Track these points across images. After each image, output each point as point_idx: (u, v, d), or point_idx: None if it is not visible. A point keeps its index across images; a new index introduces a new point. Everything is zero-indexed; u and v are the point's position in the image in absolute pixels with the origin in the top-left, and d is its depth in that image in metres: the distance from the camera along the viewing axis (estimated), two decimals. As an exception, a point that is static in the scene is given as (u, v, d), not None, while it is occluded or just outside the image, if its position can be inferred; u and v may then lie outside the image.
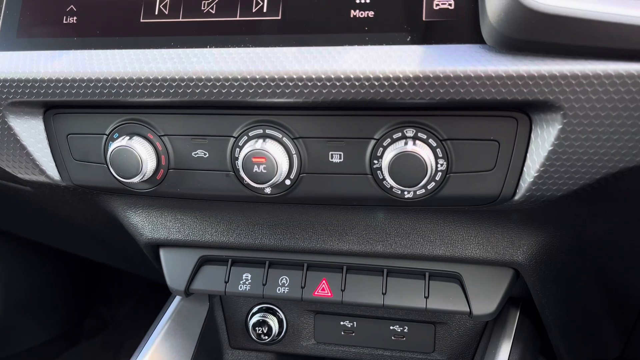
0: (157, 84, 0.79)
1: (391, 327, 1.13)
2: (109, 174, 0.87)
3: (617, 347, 1.20)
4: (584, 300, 1.02)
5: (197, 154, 0.84)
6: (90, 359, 2.46)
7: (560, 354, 1.08)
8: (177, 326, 1.11)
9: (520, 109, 0.73)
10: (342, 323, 1.16)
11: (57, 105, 0.87)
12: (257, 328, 1.16)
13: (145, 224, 1.04)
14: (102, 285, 2.62)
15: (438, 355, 1.12)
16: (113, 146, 0.83)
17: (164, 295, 1.28)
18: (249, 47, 0.78)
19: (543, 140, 0.72)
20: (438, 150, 0.76)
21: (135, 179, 0.84)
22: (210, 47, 0.79)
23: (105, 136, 0.86)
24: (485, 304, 0.94)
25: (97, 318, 2.57)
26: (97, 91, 0.81)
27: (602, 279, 0.99)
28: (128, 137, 0.83)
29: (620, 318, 1.10)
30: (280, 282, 1.02)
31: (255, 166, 0.79)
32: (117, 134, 0.85)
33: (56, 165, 0.91)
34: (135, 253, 1.47)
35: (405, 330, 1.13)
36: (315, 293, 1.00)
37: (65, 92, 0.82)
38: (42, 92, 0.84)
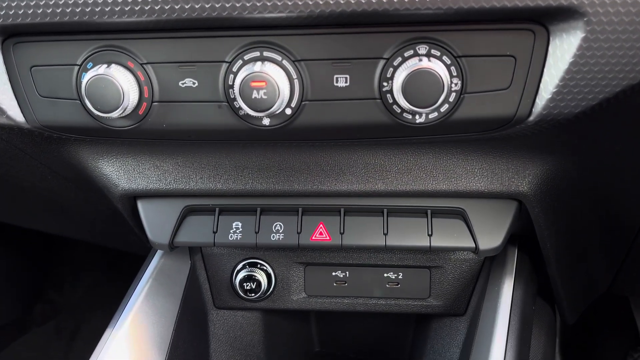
0: None
1: (385, 275, 1.09)
2: (82, 111, 0.78)
3: (606, 283, 1.21)
4: (582, 233, 1.01)
5: (185, 83, 0.75)
6: (43, 345, 2.34)
7: (557, 290, 1.08)
8: (159, 286, 1.03)
9: (538, 20, 0.69)
10: (333, 274, 1.10)
11: (18, 33, 0.76)
12: (244, 284, 1.09)
13: (120, 173, 0.95)
14: (53, 269, 2.49)
15: (434, 301, 1.09)
16: (88, 76, 0.74)
17: (120, 278, 1.19)
18: None
19: (562, 53, 0.69)
20: (452, 68, 0.71)
21: (115, 113, 0.75)
22: None
23: (77, 67, 0.76)
24: (490, 238, 0.92)
25: (49, 303, 2.44)
26: (67, 10, 0.71)
27: (600, 211, 0.98)
28: (105, 66, 0.74)
29: (611, 253, 1.11)
30: (274, 228, 0.95)
31: (255, 92, 0.72)
32: (91, 64, 0.75)
33: (18, 103, 0.80)
34: (100, 217, 1.36)
35: (399, 277, 1.09)
36: (313, 238, 0.95)
37: (30, 12, 0.71)
38: None
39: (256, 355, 1.19)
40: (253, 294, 1.10)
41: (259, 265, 1.11)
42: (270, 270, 1.11)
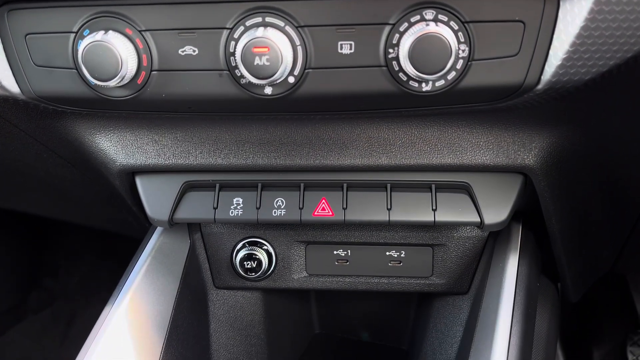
0: None
1: (387, 253, 1.08)
2: (79, 81, 0.75)
3: (609, 261, 1.20)
4: (588, 208, 1.00)
5: (185, 51, 0.73)
6: (40, 332, 2.33)
7: (562, 267, 1.07)
8: (158, 264, 1.01)
9: None
10: (335, 252, 1.09)
11: (12, 0, 0.74)
12: (245, 263, 1.08)
13: (118, 148, 0.92)
14: (48, 256, 2.48)
15: (436, 279, 1.08)
16: (84, 43, 0.72)
17: (116, 264, 1.17)
18: None
19: (573, 17, 0.67)
20: (460, 34, 0.69)
21: (112, 82, 0.73)
22: None
23: (73, 34, 0.74)
24: (495, 213, 0.90)
25: (44, 291, 2.43)
26: None
27: (606, 186, 0.97)
28: (103, 32, 0.72)
29: (616, 230, 1.10)
30: (276, 204, 0.93)
31: (257, 58, 0.70)
32: (87, 31, 0.73)
33: (13, 73, 0.78)
34: (97, 199, 1.34)
35: (402, 255, 1.08)
36: (315, 213, 0.93)
37: None
38: None
39: (256, 336, 1.18)
40: (253, 273, 1.09)
41: (259, 244, 1.09)
42: (270, 249, 1.09)
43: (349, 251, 1.08)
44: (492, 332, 0.86)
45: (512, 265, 0.94)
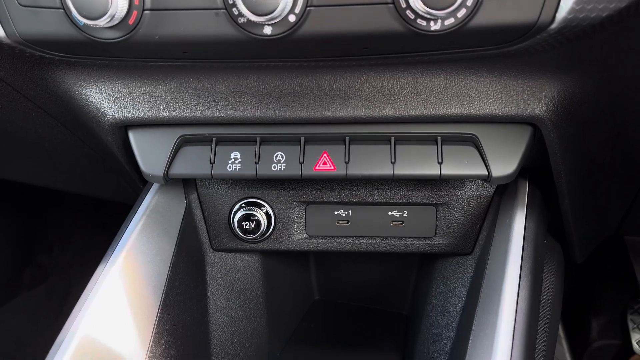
0: None
1: (389, 213, 1.05)
2: (66, 21, 0.71)
3: (616, 222, 1.18)
4: (597, 165, 0.97)
5: None
6: (34, 308, 2.31)
7: (568, 226, 1.04)
8: (153, 224, 0.97)
9: None
10: (335, 213, 1.06)
11: None
12: (243, 224, 1.04)
13: (109, 100, 0.88)
14: (41, 233, 2.44)
15: (440, 239, 1.05)
16: None
17: (111, 239, 1.14)
18: None
19: None
20: None
21: (102, 21, 0.69)
22: None
23: None
24: (503, 165, 0.87)
25: (38, 267, 2.40)
26: None
27: (616, 142, 0.94)
28: None
29: (624, 190, 1.07)
30: (275, 158, 0.90)
31: None
32: None
33: None
34: (90, 162, 1.30)
35: (404, 215, 1.05)
36: (316, 167, 0.89)
37: None
38: None
39: (255, 299, 1.15)
40: (252, 235, 1.05)
41: (258, 205, 1.06)
42: (269, 209, 1.06)
43: (350, 211, 1.05)
44: (500, 289, 0.84)
45: (519, 222, 0.91)
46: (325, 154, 0.90)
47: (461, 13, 0.67)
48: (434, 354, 1.03)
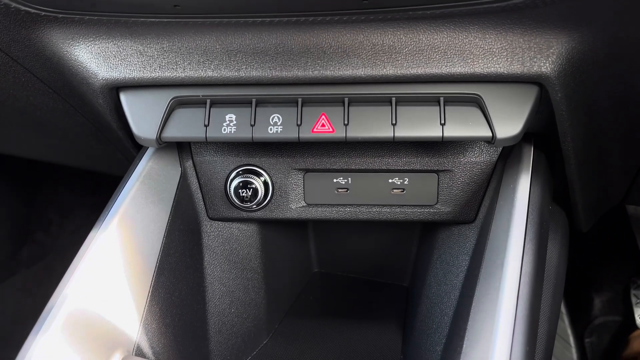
0: None
1: (390, 180, 1.02)
2: None
3: (621, 193, 1.15)
4: (604, 129, 0.94)
5: None
6: (33, 286, 2.30)
7: (574, 193, 1.01)
8: (147, 190, 0.94)
9: None
10: (335, 180, 1.03)
11: None
12: (240, 191, 1.02)
13: (100, 60, 0.85)
14: (40, 211, 2.43)
15: (442, 207, 1.02)
16: None
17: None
18: None
19: None
20: None
21: None
22: None
23: None
24: (508, 126, 0.84)
25: (36, 245, 2.39)
26: None
27: (623, 106, 0.91)
28: None
29: (630, 158, 1.04)
30: (272, 121, 0.87)
31: None
32: None
33: None
34: (82, 132, 1.27)
35: (405, 183, 1.02)
36: (315, 130, 0.86)
37: None
38: None
39: (253, 270, 1.13)
40: (249, 203, 1.03)
41: (255, 172, 1.03)
42: (267, 177, 1.03)
43: (349, 179, 1.02)
44: (503, 254, 0.81)
45: (524, 186, 0.88)
46: (323, 116, 0.86)
47: (466, -41, 0.64)
48: (435, 323, 1.01)
